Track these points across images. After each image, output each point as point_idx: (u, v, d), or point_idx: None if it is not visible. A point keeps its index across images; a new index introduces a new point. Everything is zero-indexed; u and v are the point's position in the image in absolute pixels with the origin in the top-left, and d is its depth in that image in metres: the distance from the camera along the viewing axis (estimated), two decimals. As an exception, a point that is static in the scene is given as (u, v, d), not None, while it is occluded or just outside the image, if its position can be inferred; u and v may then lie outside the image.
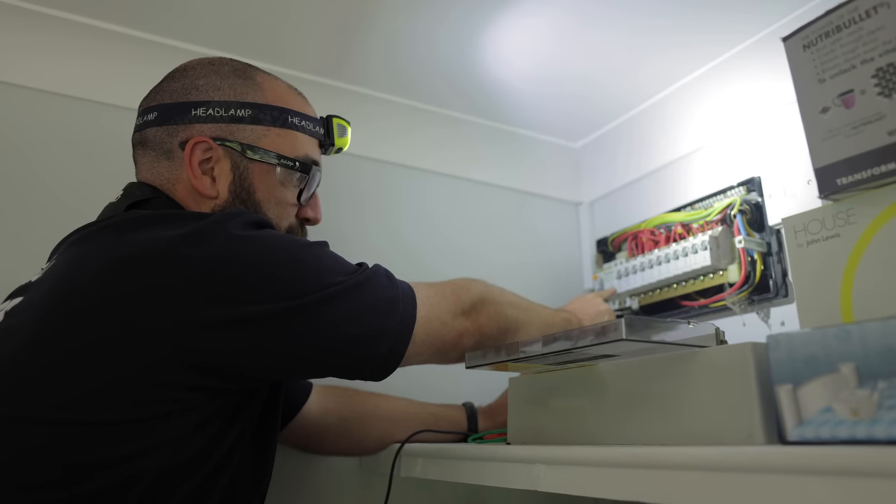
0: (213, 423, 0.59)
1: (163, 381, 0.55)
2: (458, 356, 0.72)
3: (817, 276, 0.55)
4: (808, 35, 0.53)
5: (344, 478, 1.01)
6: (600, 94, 1.23)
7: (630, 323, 0.52)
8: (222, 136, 0.70)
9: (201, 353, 0.56)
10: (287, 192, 0.74)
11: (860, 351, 0.41)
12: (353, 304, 0.61)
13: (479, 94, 1.23)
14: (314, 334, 0.59)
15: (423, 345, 0.66)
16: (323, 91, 1.15)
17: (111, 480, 0.54)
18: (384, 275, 0.66)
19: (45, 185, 0.93)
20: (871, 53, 0.49)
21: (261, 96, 0.73)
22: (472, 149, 1.31)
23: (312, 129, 0.76)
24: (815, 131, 0.52)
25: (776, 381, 0.45)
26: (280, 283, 0.58)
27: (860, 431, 0.40)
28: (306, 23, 1.02)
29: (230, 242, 0.58)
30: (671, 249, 1.04)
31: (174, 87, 0.72)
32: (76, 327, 0.55)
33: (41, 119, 0.95)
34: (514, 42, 1.08)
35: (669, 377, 0.55)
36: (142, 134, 0.72)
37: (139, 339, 0.54)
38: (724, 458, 0.45)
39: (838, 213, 0.54)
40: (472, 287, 0.72)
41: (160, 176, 0.70)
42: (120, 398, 0.55)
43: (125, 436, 0.55)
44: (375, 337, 0.62)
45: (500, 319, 0.73)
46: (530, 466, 0.60)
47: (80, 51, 0.99)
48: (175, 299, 0.55)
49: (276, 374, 0.66)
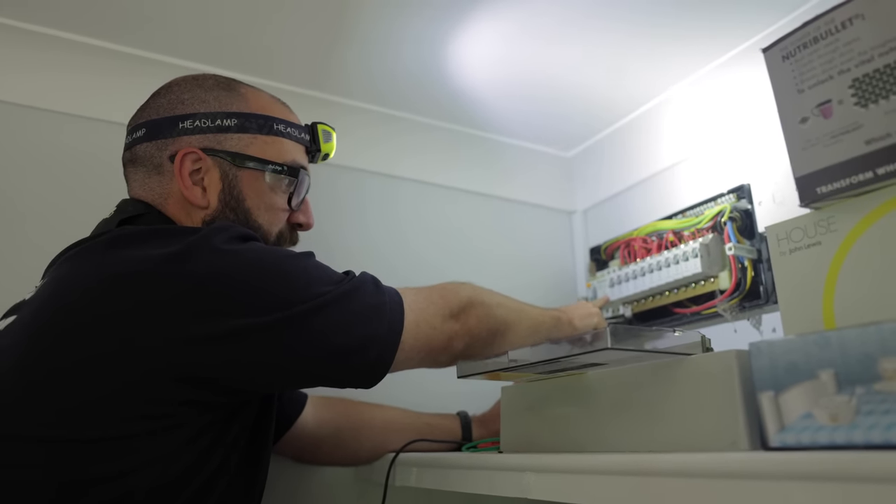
0: (205, 437, 0.60)
1: (153, 398, 0.56)
2: (449, 360, 0.71)
3: (800, 284, 0.55)
4: (786, 46, 0.54)
5: (339, 488, 1.02)
6: (591, 103, 1.24)
7: (615, 332, 0.53)
8: (210, 146, 0.71)
9: (191, 367, 0.57)
10: (277, 198, 0.74)
11: (839, 358, 0.42)
12: (341, 313, 0.61)
13: (469, 105, 1.24)
14: (303, 345, 0.59)
15: (412, 350, 0.66)
16: (307, 102, 1.15)
17: (105, 497, 0.55)
18: (371, 282, 0.66)
19: (39, 202, 0.93)
20: (847, 64, 0.50)
21: (245, 106, 0.74)
22: (464, 160, 1.32)
23: (298, 136, 0.77)
24: (795, 141, 0.53)
25: (759, 388, 0.46)
26: (267, 295, 0.59)
27: (839, 437, 0.40)
28: (287, 35, 1.03)
29: (216, 257, 0.58)
30: (663, 257, 1.05)
31: (160, 104, 0.73)
32: (66, 345, 0.56)
33: (31, 135, 0.95)
34: (500, 51, 1.09)
35: (656, 385, 0.56)
36: (132, 151, 0.73)
37: (130, 355, 0.55)
38: (710, 465, 0.45)
39: (819, 221, 0.54)
40: (460, 290, 0.72)
41: (152, 191, 0.71)
42: (110, 414, 0.55)
43: (116, 452, 0.55)
44: (363, 345, 0.62)
45: (490, 321, 0.72)
46: (520, 475, 0.60)
47: (64, 65, 1.00)
48: (164, 316, 0.56)
49: (266, 387, 0.66)
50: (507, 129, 1.34)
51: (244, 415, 0.65)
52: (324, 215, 1.12)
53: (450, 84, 1.17)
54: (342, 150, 1.15)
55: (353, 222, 1.17)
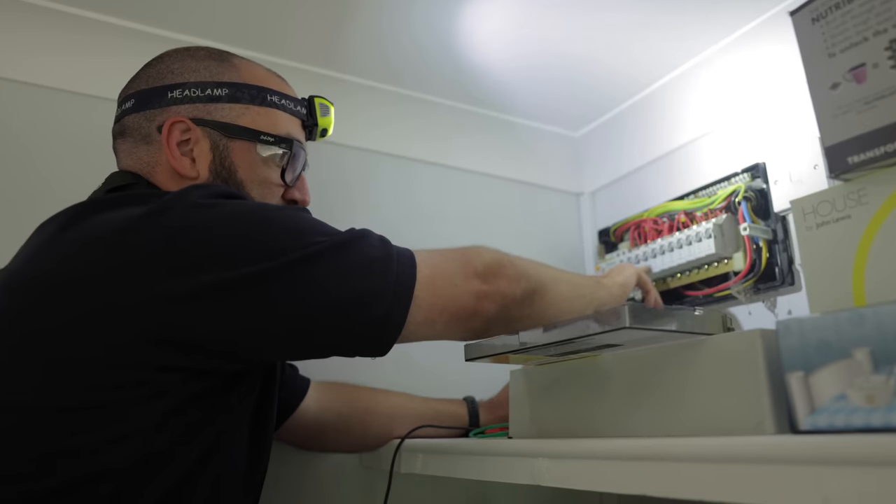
0: (192, 411, 0.56)
1: (131, 362, 0.53)
2: (483, 326, 0.62)
3: (828, 260, 0.53)
4: (816, 7, 0.51)
5: (343, 475, 1.00)
6: (600, 82, 1.21)
7: (633, 310, 0.50)
8: (200, 116, 0.68)
9: (170, 329, 0.53)
10: (270, 172, 0.72)
11: (875, 335, 0.39)
12: (337, 264, 0.55)
13: (475, 83, 1.21)
14: (294, 301, 0.54)
15: (431, 310, 0.58)
16: (315, 80, 1.13)
17: (82, 471, 0.52)
18: (376, 238, 0.60)
19: (43, 181, 0.91)
20: (884, 24, 0.47)
21: (237, 76, 0.71)
22: (469, 138, 1.29)
23: (294, 109, 0.74)
24: (825, 108, 0.50)
25: (787, 369, 0.43)
26: (251, 244, 0.54)
27: (876, 419, 0.38)
28: (294, 10, 1.00)
29: (193, 211, 0.55)
30: (675, 238, 1.02)
31: (150, 74, 0.71)
32: (41, 309, 0.53)
33: (36, 114, 0.93)
34: (508, 28, 1.06)
35: (675, 366, 0.53)
36: (121, 123, 0.70)
37: (105, 318, 0.52)
38: (733, 450, 0.43)
39: (849, 193, 0.52)
40: (483, 251, 0.64)
41: (140, 161, 0.69)
42: (86, 381, 0.52)
43: (90, 423, 0.52)
44: (366, 301, 0.55)
45: (524, 282, 0.64)
46: (532, 461, 0.58)
47: (65, 42, 0.97)
48: (138, 274, 0.53)
49: (256, 352, 0.60)
50: (515, 109, 1.31)
51: (242, 389, 0.61)
52: (331, 196, 1.10)
53: (457, 61, 1.14)
54: (350, 130, 1.12)
55: (360, 203, 1.14)
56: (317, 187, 0.82)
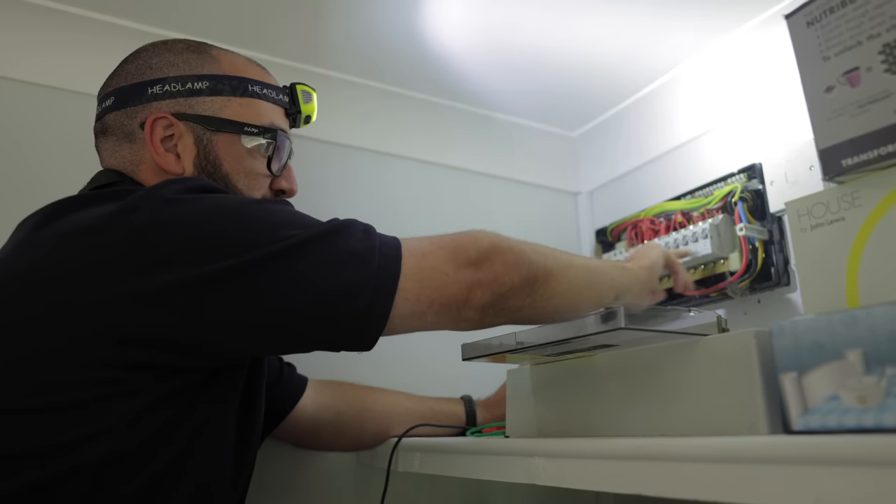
0: (167, 408, 0.55)
1: (96, 361, 0.52)
2: (477, 315, 0.59)
3: (822, 262, 0.53)
4: (811, 11, 0.51)
5: (341, 474, 1.00)
6: (597, 82, 1.21)
7: (629, 311, 0.51)
8: (182, 110, 0.68)
9: (137, 327, 0.52)
10: (256, 163, 0.71)
11: (868, 337, 0.40)
12: (317, 256, 0.54)
13: (475, 83, 1.21)
14: (271, 295, 0.53)
15: (419, 301, 0.56)
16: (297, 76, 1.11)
17: (53, 470, 0.51)
18: (360, 228, 0.58)
19: (43, 180, 0.91)
20: (877, 29, 0.47)
21: (217, 68, 0.71)
22: (465, 139, 1.29)
23: (276, 97, 0.73)
24: (819, 111, 0.51)
25: (780, 369, 0.44)
26: (226, 238, 0.53)
27: (868, 419, 0.39)
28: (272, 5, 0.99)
29: (164, 206, 0.54)
30: (671, 238, 1.03)
31: (128, 70, 0.70)
32: (9, 308, 0.53)
33: (36, 113, 0.93)
34: (504, 28, 1.06)
35: (670, 367, 0.54)
36: (102, 122, 0.70)
37: (72, 316, 0.52)
38: (727, 449, 0.43)
39: (843, 195, 0.52)
40: (479, 236, 0.60)
41: (123, 160, 0.68)
42: (54, 380, 0.52)
43: (63, 422, 0.52)
44: (347, 291, 0.54)
45: (523, 268, 0.60)
46: (529, 460, 0.59)
47: (65, 42, 0.97)
48: (106, 271, 0.52)
49: (239, 350, 0.59)
50: (511, 108, 1.31)
51: (224, 385, 0.60)
52: (319, 193, 1.10)
53: (447, 59, 1.13)
54: (335, 126, 1.12)
55: (346, 201, 1.14)
56: (315, 186, 0.82)
